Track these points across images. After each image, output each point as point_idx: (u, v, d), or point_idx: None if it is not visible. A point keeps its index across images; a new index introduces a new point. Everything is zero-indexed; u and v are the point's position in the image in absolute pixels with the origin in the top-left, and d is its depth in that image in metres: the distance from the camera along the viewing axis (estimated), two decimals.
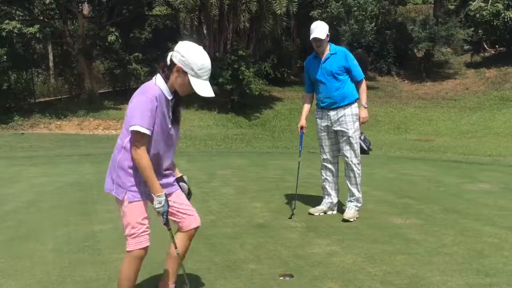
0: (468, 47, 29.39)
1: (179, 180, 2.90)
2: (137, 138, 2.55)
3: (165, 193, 2.63)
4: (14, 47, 20.66)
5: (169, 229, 2.70)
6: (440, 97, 24.68)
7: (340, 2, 24.52)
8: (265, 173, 8.09)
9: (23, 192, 6.42)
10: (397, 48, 28.25)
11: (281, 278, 3.41)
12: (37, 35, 18.66)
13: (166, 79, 2.62)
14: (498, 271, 3.47)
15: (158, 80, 2.63)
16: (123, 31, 22.17)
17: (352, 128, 4.83)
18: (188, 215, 2.84)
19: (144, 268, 2.91)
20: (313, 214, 5.03)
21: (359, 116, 4.87)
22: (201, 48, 2.60)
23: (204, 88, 2.59)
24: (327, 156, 5.04)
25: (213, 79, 21.08)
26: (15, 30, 18.03)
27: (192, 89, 2.59)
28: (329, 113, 4.91)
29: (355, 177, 4.90)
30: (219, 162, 9.57)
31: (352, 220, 4.81)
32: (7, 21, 18.16)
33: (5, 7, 19.28)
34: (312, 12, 25.25)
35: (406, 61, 28.17)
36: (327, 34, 4.83)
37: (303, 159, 5.68)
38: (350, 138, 4.84)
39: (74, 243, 4.17)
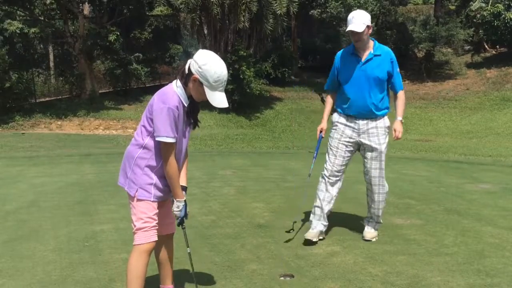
0: (468, 47, 29.38)
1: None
2: (165, 148, 2.64)
3: (185, 200, 2.75)
4: (15, 47, 20.69)
5: (183, 228, 2.82)
6: (441, 97, 24.67)
7: (340, 2, 24.52)
8: (265, 173, 8.09)
9: (24, 192, 6.43)
10: (397, 48, 28.23)
11: (282, 278, 3.41)
12: (39, 35, 18.69)
13: (184, 85, 2.66)
14: (499, 272, 3.47)
15: (176, 86, 2.66)
16: (123, 31, 22.18)
17: (384, 143, 4.08)
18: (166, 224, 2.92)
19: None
20: (311, 241, 4.09)
21: (394, 129, 4.07)
22: (218, 58, 2.62)
23: (218, 99, 2.63)
24: (335, 168, 4.18)
25: None
26: (17, 31, 18.05)
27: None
28: (357, 121, 4.09)
29: (378, 199, 4.19)
30: (220, 162, 9.57)
31: (373, 240, 4.19)
32: (9, 21, 18.17)
33: (6, 7, 19.29)
34: (311, 12, 25.26)
35: (406, 61, 28.15)
36: (368, 26, 3.91)
37: (305, 159, 5.65)
38: (382, 155, 4.08)
39: (74, 243, 4.17)
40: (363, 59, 4.02)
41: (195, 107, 2.79)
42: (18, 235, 4.42)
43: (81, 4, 22.64)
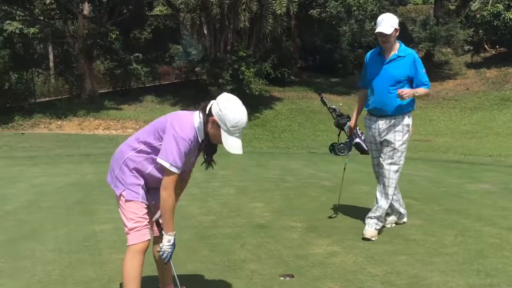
0: (468, 47, 29.39)
1: None
2: (168, 175, 2.58)
3: (175, 234, 2.67)
4: (15, 48, 20.68)
5: (168, 262, 2.70)
6: (441, 97, 24.68)
7: (339, 2, 24.51)
8: (265, 173, 8.08)
9: (24, 192, 6.42)
10: None
11: (282, 278, 3.40)
12: (38, 35, 18.69)
13: (203, 122, 2.63)
14: (499, 272, 3.47)
15: (196, 120, 2.64)
16: (123, 31, 22.20)
17: (400, 140, 4.22)
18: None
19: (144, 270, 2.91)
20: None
21: (402, 90, 4.10)
22: (240, 104, 2.58)
23: (233, 145, 2.60)
24: (376, 169, 4.51)
25: (214, 79, 21.12)
26: (17, 31, 18.05)
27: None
28: (377, 121, 4.31)
29: (386, 194, 4.34)
30: (220, 162, 9.55)
31: (373, 239, 4.23)
32: (8, 22, 18.17)
33: (6, 7, 19.29)
34: (311, 11, 25.25)
35: None
36: (396, 29, 4.12)
37: (305, 159, 5.66)
38: (395, 150, 4.22)
39: (74, 243, 4.17)
40: (387, 58, 4.23)
41: (212, 147, 2.77)
42: (18, 235, 4.41)
43: (80, 4, 22.64)
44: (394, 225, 4.60)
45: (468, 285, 3.24)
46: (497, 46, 28.95)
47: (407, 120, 4.26)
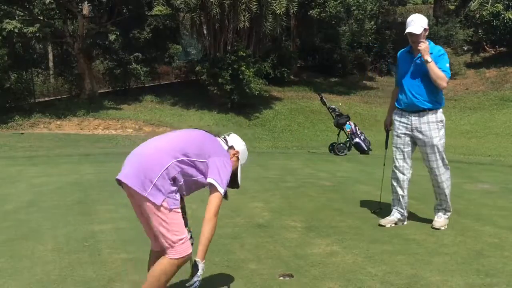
0: (468, 47, 29.42)
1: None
2: (218, 200, 2.72)
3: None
4: (14, 47, 20.67)
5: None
6: None
7: (339, 1, 24.52)
8: (265, 173, 8.08)
9: (23, 192, 6.42)
10: (397, 48, 28.24)
11: (281, 278, 3.41)
12: (37, 34, 18.68)
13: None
14: (498, 271, 3.47)
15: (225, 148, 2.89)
16: (123, 31, 22.19)
17: (437, 136, 4.33)
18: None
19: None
20: (384, 226, 4.55)
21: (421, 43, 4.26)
22: None
23: (239, 179, 2.95)
24: (399, 162, 4.55)
25: (214, 79, 21.12)
26: (16, 30, 18.04)
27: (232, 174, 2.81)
28: (410, 117, 4.40)
29: (442, 186, 4.48)
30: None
31: (442, 228, 4.44)
32: (7, 21, 18.17)
33: (5, 7, 19.29)
34: (310, 11, 25.26)
35: None
36: (425, 29, 4.28)
37: (304, 159, 5.66)
38: (435, 147, 4.34)
39: (74, 243, 4.17)
40: (416, 56, 4.37)
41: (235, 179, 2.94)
42: (17, 235, 4.41)
43: (80, 4, 22.63)
44: (393, 225, 4.64)
45: (468, 285, 3.24)
46: (497, 46, 28.97)
47: (440, 115, 4.38)
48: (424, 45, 4.25)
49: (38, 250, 3.99)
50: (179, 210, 2.66)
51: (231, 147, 2.88)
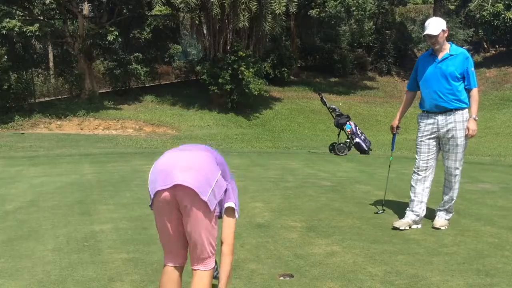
0: (468, 47, 29.42)
1: None
2: (234, 226, 2.67)
3: None
4: (14, 47, 20.68)
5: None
6: None
7: (338, 1, 24.53)
8: (265, 173, 8.08)
9: (23, 192, 6.42)
10: (397, 48, 28.24)
11: (281, 278, 3.41)
12: (37, 34, 18.69)
13: None
14: (498, 271, 3.47)
15: None
16: (123, 31, 22.21)
17: (462, 137, 4.37)
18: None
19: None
20: (398, 228, 4.51)
21: (467, 127, 4.36)
22: None
23: None
24: (421, 163, 4.55)
25: (214, 79, 21.13)
26: (16, 29, 18.05)
27: None
28: (436, 117, 4.44)
29: (453, 188, 4.53)
30: None
31: (442, 228, 4.48)
32: (7, 20, 18.18)
33: (5, 7, 19.29)
34: (310, 11, 25.28)
35: (406, 61, 28.18)
36: (443, 30, 4.34)
37: (305, 159, 5.66)
38: (458, 147, 4.39)
39: (74, 243, 4.17)
40: (440, 58, 4.43)
41: None
42: (18, 235, 4.41)
43: (80, 4, 22.65)
44: (408, 228, 4.54)
45: (468, 285, 3.24)
46: (497, 46, 28.98)
47: (466, 115, 4.41)
48: (474, 129, 4.36)
49: (38, 250, 3.99)
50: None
51: None
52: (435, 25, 4.33)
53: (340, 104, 19.39)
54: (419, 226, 4.60)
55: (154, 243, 4.12)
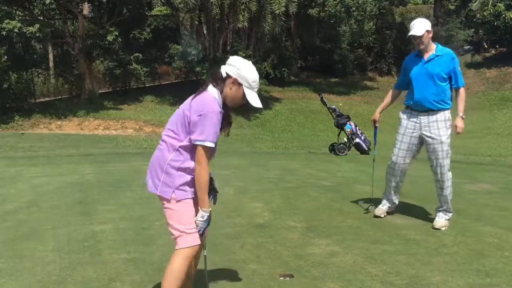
0: (468, 47, 29.42)
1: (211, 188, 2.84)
2: (205, 153, 2.62)
3: (210, 211, 2.69)
4: (14, 47, 20.67)
5: (203, 236, 2.74)
6: None
7: (338, 1, 24.53)
8: (265, 173, 8.08)
9: (24, 192, 6.42)
10: (397, 48, 28.24)
11: (281, 278, 3.41)
12: (37, 34, 18.68)
13: (220, 92, 2.69)
14: (499, 271, 3.47)
15: (214, 93, 2.68)
16: (123, 31, 22.20)
17: (445, 135, 4.48)
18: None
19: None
20: (379, 216, 4.83)
21: (456, 125, 4.53)
22: (250, 62, 2.72)
23: (256, 99, 2.74)
24: (398, 160, 4.69)
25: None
26: (16, 30, 18.04)
27: (243, 100, 2.72)
28: (419, 116, 4.56)
29: (445, 188, 4.56)
30: (220, 162, 9.56)
31: (442, 229, 4.50)
32: (7, 21, 18.17)
33: (5, 7, 19.30)
34: (310, 10, 25.26)
35: None
36: (428, 31, 4.43)
37: (304, 159, 5.67)
38: (443, 145, 4.48)
39: (74, 243, 4.17)
40: (426, 58, 4.53)
41: (228, 114, 2.84)
42: (18, 235, 4.41)
43: (80, 4, 22.64)
44: (386, 215, 4.87)
45: (468, 285, 3.24)
46: (497, 46, 28.98)
47: (448, 115, 4.52)
48: (462, 127, 4.56)
49: (39, 250, 3.99)
50: (190, 202, 2.69)
51: (226, 78, 2.68)
52: (420, 26, 4.42)
53: (340, 104, 19.40)
54: (394, 210, 4.98)
55: (154, 243, 4.12)
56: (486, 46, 29.19)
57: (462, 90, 4.53)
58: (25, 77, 21.61)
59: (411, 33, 4.44)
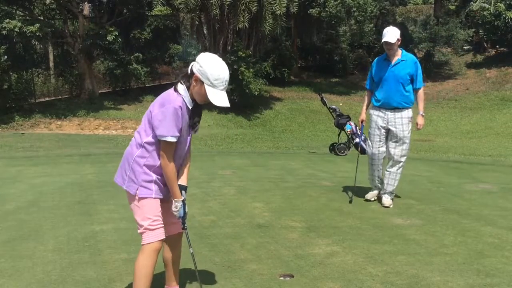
0: (468, 47, 29.41)
1: (180, 187, 2.85)
2: (166, 147, 2.67)
3: (183, 200, 2.77)
4: (14, 47, 20.67)
5: (185, 229, 2.84)
6: (441, 97, 24.69)
7: (338, 1, 24.50)
8: (265, 173, 8.08)
9: (24, 192, 6.42)
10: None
11: (281, 278, 3.41)
12: (37, 34, 18.68)
13: (188, 88, 2.70)
14: (499, 272, 3.47)
15: (180, 89, 2.69)
16: (123, 31, 22.19)
17: (406, 130, 5.24)
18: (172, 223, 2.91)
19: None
20: (370, 200, 5.59)
21: (417, 123, 5.32)
22: (220, 60, 2.68)
23: (219, 98, 2.66)
24: (375, 151, 5.39)
25: None
26: (16, 29, 18.04)
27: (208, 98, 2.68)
28: (386, 113, 5.27)
29: (396, 173, 5.36)
30: (220, 162, 9.57)
31: (391, 206, 5.36)
32: (7, 20, 18.17)
33: (6, 7, 19.30)
34: (310, 10, 25.24)
35: None
36: (398, 39, 5.14)
37: (305, 159, 5.74)
38: (404, 138, 5.25)
39: (74, 243, 4.17)
40: (393, 62, 5.23)
41: (198, 112, 2.83)
42: (18, 235, 4.41)
43: (80, 4, 22.64)
44: (375, 198, 5.58)
45: (468, 285, 3.24)
46: (498, 46, 28.96)
47: (410, 112, 5.27)
48: (422, 124, 5.39)
49: (39, 250, 3.99)
50: (154, 200, 2.75)
51: (191, 76, 2.67)
52: (392, 34, 5.10)
53: (341, 104, 19.39)
54: (381, 191, 5.55)
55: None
56: (486, 46, 29.17)
57: (421, 91, 5.30)
58: (25, 77, 21.60)
59: (385, 39, 5.09)
